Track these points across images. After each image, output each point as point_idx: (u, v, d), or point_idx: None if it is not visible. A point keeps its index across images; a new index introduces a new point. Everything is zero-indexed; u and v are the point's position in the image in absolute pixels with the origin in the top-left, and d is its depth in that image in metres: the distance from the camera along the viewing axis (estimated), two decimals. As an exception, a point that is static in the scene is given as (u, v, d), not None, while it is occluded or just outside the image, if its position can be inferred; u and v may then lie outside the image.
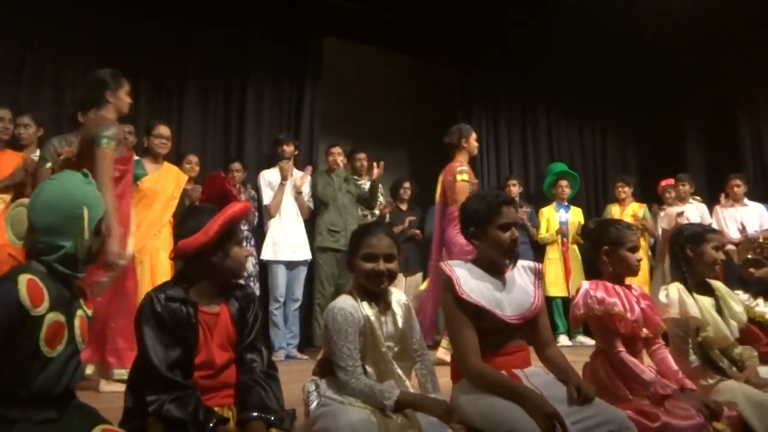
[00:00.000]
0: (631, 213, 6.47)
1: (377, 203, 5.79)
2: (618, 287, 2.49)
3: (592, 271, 2.73)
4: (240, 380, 1.97)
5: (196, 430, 1.75)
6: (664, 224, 6.08)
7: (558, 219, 6.54)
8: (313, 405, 2.05)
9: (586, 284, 2.51)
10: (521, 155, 7.49)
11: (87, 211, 1.73)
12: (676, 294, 2.65)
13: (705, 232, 2.78)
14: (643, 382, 2.30)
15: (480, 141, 7.06)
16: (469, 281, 2.15)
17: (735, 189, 6.13)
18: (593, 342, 2.69)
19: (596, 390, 2.07)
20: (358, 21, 6.61)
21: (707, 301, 2.66)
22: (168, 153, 4.58)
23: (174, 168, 4.55)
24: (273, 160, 5.64)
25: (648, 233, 6.37)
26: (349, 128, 6.89)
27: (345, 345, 2.03)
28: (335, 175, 5.57)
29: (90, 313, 1.81)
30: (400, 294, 2.31)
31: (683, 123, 7.66)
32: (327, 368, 2.11)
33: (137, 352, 1.91)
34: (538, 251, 6.46)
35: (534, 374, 2.14)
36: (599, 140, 7.96)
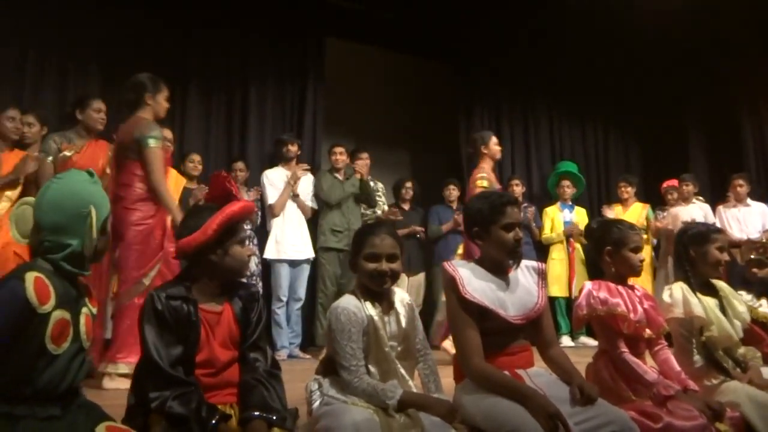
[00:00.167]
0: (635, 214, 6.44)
1: (376, 200, 5.78)
2: (621, 287, 2.49)
3: (596, 272, 2.72)
4: (243, 379, 1.97)
5: (199, 427, 1.76)
6: (668, 225, 6.07)
7: (562, 219, 6.52)
8: (316, 404, 2.05)
9: (589, 285, 2.50)
10: (523, 155, 7.48)
11: (94, 210, 1.74)
12: (680, 294, 2.64)
13: (709, 233, 2.77)
14: (646, 383, 2.30)
15: (482, 141, 7.12)
16: (473, 281, 2.15)
17: (738, 189, 6.12)
18: (596, 342, 2.69)
19: (599, 390, 2.07)
20: (360, 21, 6.62)
21: (711, 301, 2.66)
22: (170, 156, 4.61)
23: (173, 171, 4.62)
24: (276, 160, 5.65)
25: (651, 234, 6.36)
26: (351, 128, 6.89)
27: (348, 344, 2.03)
28: (338, 175, 5.57)
29: (95, 311, 1.82)
30: (403, 293, 2.31)
31: (686, 123, 7.65)
32: (330, 368, 2.11)
33: (141, 350, 1.92)
34: (541, 251, 6.45)
35: (537, 374, 2.14)
36: (601, 140, 7.95)
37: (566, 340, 6.08)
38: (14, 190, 3.91)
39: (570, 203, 6.69)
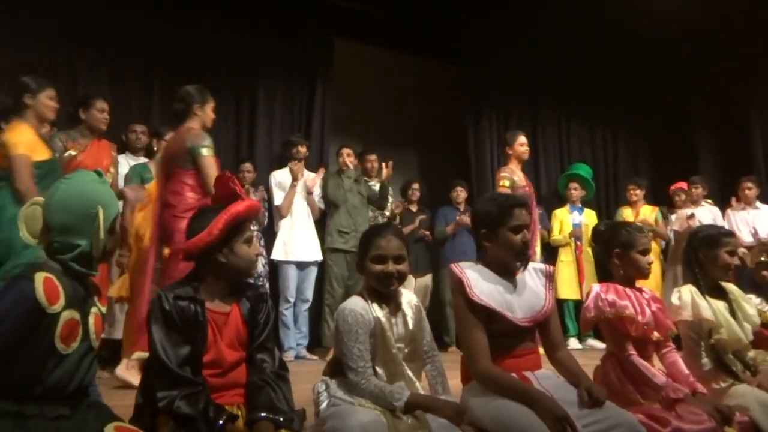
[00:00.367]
0: (643, 216, 6.42)
1: (388, 204, 5.79)
2: (629, 290, 2.48)
3: (606, 274, 2.72)
4: (250, 380, 1.98)
5: (206, 427, 1.77)
6: (676, 227, 6.05)
7: (571, 221, 6.50)
8: (323, 405, 2.06)
9: (597, 287, 2.50)
10: (532, 157, 7.35)
11: (102, 211, 1.75)
12: (689, 296, 2.63)
13: (720, 236, 2.75)
14: (654, 386, 2.29)
15: (490, 142, 7.11)
16: (480, 283, 2.15)
17: (746, 192, 6.09)
18: (604, 345, 2.68)
19: (607, 393, 2.07)
20: (369, 22, 6.62)
21: (720, 304, 2.64)
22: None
23: None
24: (284, 161, 5.66)
25: (659, 236, 6.33)
26: (359, 129, 6.90)
27: (355, 346, 2.03)
28: (345, 177, 5.57)
29: (104, 311, 1.83)
30: (411, 295, 2.31)
31: (695, 125, 7.62)
32: (337, 369, 2.11)
33: (148, 350, 1.93)
34: (550, 253, 6.43)
35: (544, 377, 2.14)
36: (610, 142, 7.91)
37: (574, 343, 6.05)
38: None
39: (579, 205, 6.66)
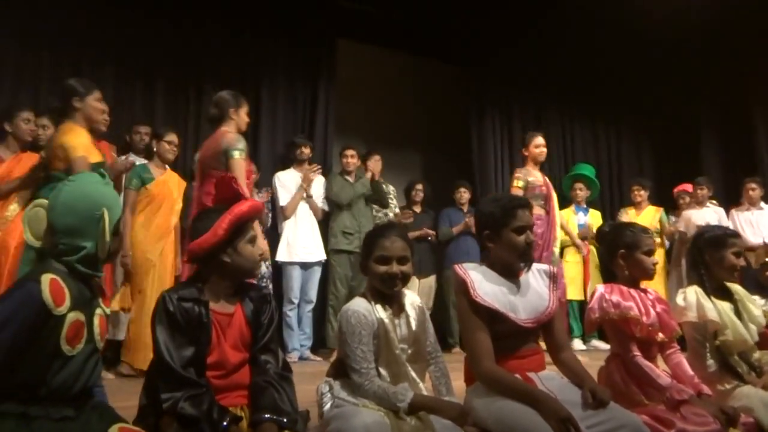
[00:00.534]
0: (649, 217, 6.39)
1: (390, 201, 5.78)
2: (633, 291, 2.48)
3: (609, 275, 2.71)
4: (253, 381, 1.98)
5: (210, 428, 1.77)
6: (681, 227, 6.03)
7: (576, 222, 6.48)
8: (327, 406, 2.06)
9: (601, 288, 2.50)
10: (535, 158, 7.44)
11: (106, 212, 1.76)
12: (694, 297, 2.62)
13: (726, 237, 2.73)
14: (659, 387, 2.29)
15: (493, 143, 7.10)
16: (484, 284, 2.15)
17: (750, 192, 6.06)
18: (608, 346, 2.68)
19: (611, 394, 2.06)
20: (372, 23, 6.62)
21: (725, 305, 2.63)
22: (174, 159, 4.68)
23: (175, 174, 4.66)
24: (288, 162, 5.65)
25: (665, 237, 6.31)
26: (363, 130, 6.90)
27: (359, 347, 2.03)
28: (349, 177, 5.57)
29: (108, 312, 1.83)
30: (414, 296, 2.31)
31: (699, 125, 7.58)
32: (341, 370, 2.12)
33: (153, 351, 1.93)
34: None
35: (548, 378, 2.13)
36: (614, 143, 7.89)
37: (578, 344, 6.03)
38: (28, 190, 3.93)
39: (584, 206, 6.64)
